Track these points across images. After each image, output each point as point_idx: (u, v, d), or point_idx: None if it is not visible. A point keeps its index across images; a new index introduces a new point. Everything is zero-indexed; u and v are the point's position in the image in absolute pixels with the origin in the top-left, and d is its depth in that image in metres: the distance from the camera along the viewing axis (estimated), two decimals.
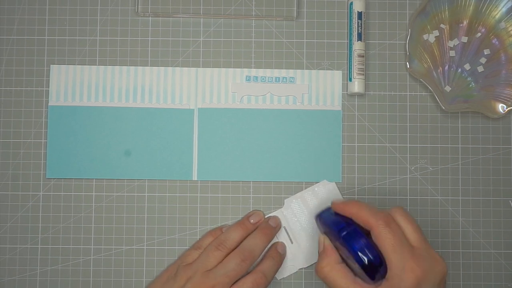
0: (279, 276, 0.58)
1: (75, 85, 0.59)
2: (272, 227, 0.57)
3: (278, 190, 0.59)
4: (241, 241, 0.55)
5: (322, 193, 0.59)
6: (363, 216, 0.50)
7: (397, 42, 0.60)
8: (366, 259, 0.48)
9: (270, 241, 0.56)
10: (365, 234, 0.50)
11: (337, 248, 0.52)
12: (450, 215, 0.59)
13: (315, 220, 0.56)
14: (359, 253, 0.49)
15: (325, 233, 0.53)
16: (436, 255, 0.49)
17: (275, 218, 0.58)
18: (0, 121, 0.59)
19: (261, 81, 0.60)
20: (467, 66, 0.59)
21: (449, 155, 0.59)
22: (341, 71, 0.60)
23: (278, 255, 0.56)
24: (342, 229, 0.50)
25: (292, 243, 0.58)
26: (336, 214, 0.52)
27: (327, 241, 0.53)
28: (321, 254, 0.52)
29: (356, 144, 0.59)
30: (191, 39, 0.60)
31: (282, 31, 0.60)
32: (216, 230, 0.57)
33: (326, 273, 0.51)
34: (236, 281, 0.53)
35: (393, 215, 0.50)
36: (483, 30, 0.59)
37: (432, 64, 0.59)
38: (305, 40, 0.60)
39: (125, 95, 0.59)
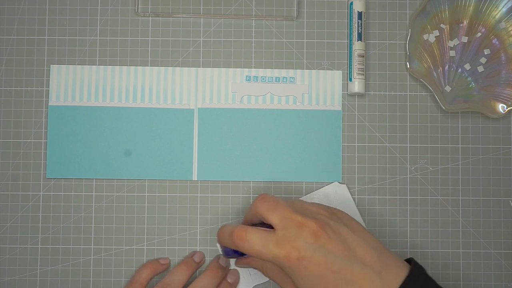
0: None
1: (75, 85, 0.59)
2: (196, 262, 0.57)
3: (278, 190, 0.59)
4: (187, 282, 0.55)
5: (333, 195, 0.59)
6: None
7: (397, 42, 0.60)
8: None
9: (191, 275, 0.56)
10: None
11: None
12: (450, 215, 0.59)
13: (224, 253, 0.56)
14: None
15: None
16: None
17: (200, 253, 0.57)
18: (0, 121, 0.59)
19: (261, 81, 0.60)
20: (467, 66, 0.59)
21: (449, 155, 0.59)
22: (341, 71, 0.60)
23: (228, 285, 0.56)
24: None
25: None
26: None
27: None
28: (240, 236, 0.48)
29: (356, 144, 0.59)
30: (191, 39, 0.60)
31: (282, 31, 0.60)
32: (153, 262, 0.57)
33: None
34: None
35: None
36: (483, 30, 0.59)
37: (432, 64, 0.59)
38: (305, 40, 0.60)
39: (125, 95, 0.59)
